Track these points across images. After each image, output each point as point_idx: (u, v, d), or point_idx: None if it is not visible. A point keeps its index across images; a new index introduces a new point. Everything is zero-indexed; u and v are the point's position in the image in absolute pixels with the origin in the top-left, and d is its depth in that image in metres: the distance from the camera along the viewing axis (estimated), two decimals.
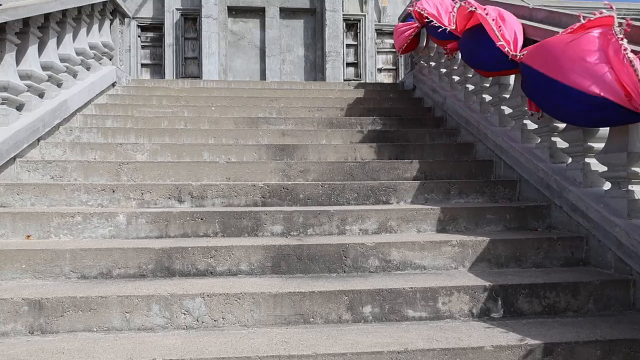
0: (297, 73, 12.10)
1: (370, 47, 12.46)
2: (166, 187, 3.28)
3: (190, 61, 12.05)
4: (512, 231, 3.09)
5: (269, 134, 4.49)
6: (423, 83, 5.77)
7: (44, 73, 4.27)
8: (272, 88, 6.12)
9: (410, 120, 5.03)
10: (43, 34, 4.37)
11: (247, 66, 12.03)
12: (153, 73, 12.45)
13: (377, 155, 4.18)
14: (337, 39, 11.66)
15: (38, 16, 4.14)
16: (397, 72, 12.96)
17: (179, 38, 11.89)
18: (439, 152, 4.25)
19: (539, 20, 3.46)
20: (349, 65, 12.48)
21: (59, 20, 4.67)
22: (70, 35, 4.93)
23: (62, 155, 3.97)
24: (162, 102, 5.42)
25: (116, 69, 5.96)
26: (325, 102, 5.56)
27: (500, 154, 3.80)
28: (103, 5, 5.73)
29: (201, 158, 4.02)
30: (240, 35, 12.02)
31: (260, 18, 11.92)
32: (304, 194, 3.35)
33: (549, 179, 3.13)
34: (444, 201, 3.46)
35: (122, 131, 4.41)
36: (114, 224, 2.87)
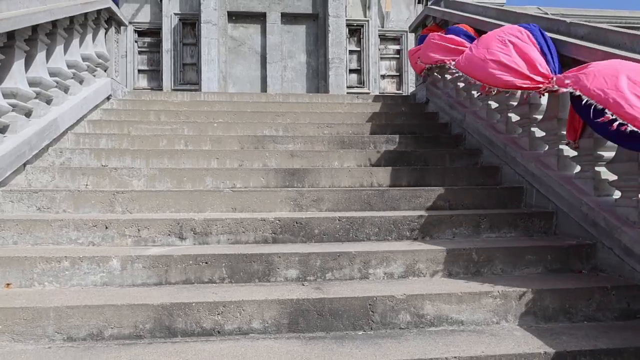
0: (299, 80, 11.77)
1: (373, 53, 12.15)
2: (165, 222, 2.93)
3: (189, 67, 11.71)
4: (555, 274, 2.75)
5: (277, 155, 4.15)
6: (438, 97, 5.44)
7: (32, 90, 3.92)
8: (277, 101, 5.78)
9: (426, 138, 4.70)
10: (31, 47, 4.02)
11: (247, 73, 11.69)
12: (150, 79, 12.10)
13: (395, 180, 3.84)
14: (341, 45, 11.34)
15: (25, 28, 3.79)
16: (400, 78, 12.66)
17: (177, 44, 11.55)
18: (462, 177, 3.91)
19: (580, 37, 3.14)
20: (352, 71, 12.17)
21: (49, 32, 4.32)
22: (61, 47, 4.59)
23: (50, 181, 3.62)
24: (161, 117, 5.08)
25: (111, 81, 5.61)
26: (334, 118, 5.23)
27: (532, 180, 3.47)
28: (97, 14, 5.39)
29: (204, 184, 3.68)
30: (241, 41, 11.69)
31: (261, 23, 11.59)
32: (320, 229, 3.01)
33: (596, 215, 2.80)
34: (473, 236, 3.12)
35: (117, 152, 4.06)
36: (107, 269, 2.52)
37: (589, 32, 3.10)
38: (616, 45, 2.85)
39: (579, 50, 3.03)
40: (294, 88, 11.72)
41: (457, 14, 4.87)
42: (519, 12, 3.98)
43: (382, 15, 12.32)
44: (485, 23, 4.34)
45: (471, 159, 4.31)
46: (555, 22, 3.46)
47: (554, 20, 3.50)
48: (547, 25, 3.56)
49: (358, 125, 5.01)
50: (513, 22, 4.03)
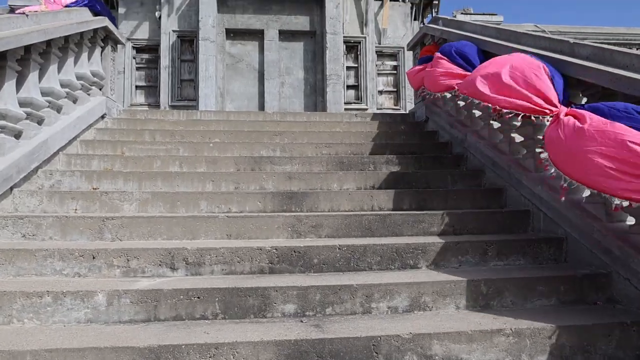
0: (297, 96, 11.72)
1: (370, 69, 12.14)
2: (156, 251, 2.78)
3: (187, 83, 11.65)
4: (569, 306, 2.60)
5: (274, 177, 4.02)
6: (437, 115, 5.35)
7: (22, 111, 3.79)
8: (274, 120, 5.67)
9: (427, 158, 4.58)
10: (23, 67, 3.92)
11: (245, 89, 11.64)
12: (147, 95, 12.03)
13: (397, 204, 3.71)
14: (338, 62, 11.32)
15: (17, 48, 3.68)
16: (398, 94, 12.64)
17: (175, 60, 11.51)
18: (466, 199, 3.78)
19: (585, 57, 3.05)
20: (350, 87, 12.14)
21: (43, 51, 4.22)
22: (55, 67, 4.48)
23: (38, 205, 3.48)
24: (155, 137, 4.96)
25: (106, 100, 5.51)
26: (333, 137, 5.11)
27: (540, 204, 3.34)
28: (94, 33, 5.30)
29: (198, 209, 3.54)
30: (239, 57, 11.66)
31: (259, 40, 11.58)
32: (319, 258, 2.86)
33: (609, 242, 2.66)
34: (480, 264, 2.98)
35: (109, 175, 3.93)
36: (92, 305, 2.36)
37: (594, 53, 3.00)
38: (624, 67, 2.75)
39: (585, 71, 2.94)
40: (292, 104, 11.66)
41: (456, 33, 4.80)
42: (519, 31, 3.90)
43: (379, 32, 12.35)
44: (485, 42, 4.26)
45: (474, 180, 4.19)
46: (558, 43, 3.37)
47: (556, 41, 3.41)
48: (549, 45, 3.48)
49: (357, 145, 4.89)
50: (513, 41, 3.96)
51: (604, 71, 2.76)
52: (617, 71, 2.70)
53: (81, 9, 5.17)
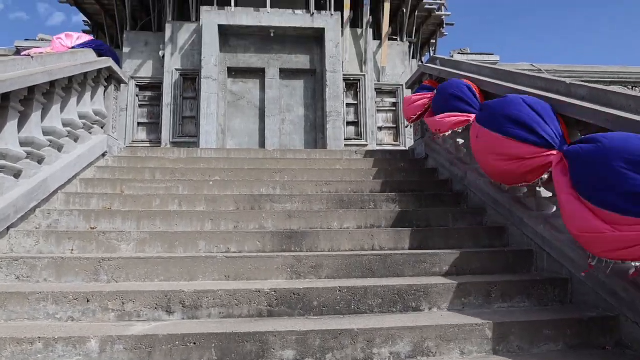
0: (297, 133, 11.85)
1: (370, 106, 12.33)
2: (153, 294, 2.72)
3: (188, 120, 11.81)
4: (577, 351, 2.52)
5: (274, 215, 3.99)
6: (437, 153, 5.37)
7: (23, 150, 3.81)
8: (274, 158, 5.70)
9: (427, 196, 4.57)
10: (26, 107, 3.96)
11: (246, 126, 11.78)
12: (149, 132, 12.17)
13: (398, 243, 3.66)
14: (338, 99, 11.51)
15: (21, 89, 3.74)
16: (397, 130, 12.78)
17: (178, 98, 11.71)
18: (467, 238, 3.74)
19: (581, 98, 3.08)
20: (350, 124, 12.29)
21: (46, 92, 4.29)
22: (58, 107, 4.54)
23: (34, 246, 3.43)
24: (156, 175, 4.96)
25: (108, 138, 5.55)
26: (333, 175, 5.12)
27: (542, 244, 3.30)
28: (97, 73, 5.41)
29: (196, 249, 3.49)
30: (240, 95, 11.87)
31: (260, 78, 11.82)
32: (319, 301, 2.79)
33: (614, 284, 2.61)
34: (484, 306, 2.91)
35: (107, 214, 3.90)
36: (84, 352, 2.29)
37: (590, 93, 3.04)
38: (620, 107, 2.78)
39: (582, 111, 2.97)
40: (292, 141, 11.78)
41: (453, 73, 4.89)
42: (514, 71, 3.97)
43: (378, 70, 12.62)
44: (481, 82, 4.33)
45: (475, 218, 4.16)
46: (554, 83, 3.42)
47: (552, 81, 3.47)
48: (546, 86, 3.53)
49: (357, 183, 4.89)
50: (509, 81, 4.02)
51: (600, 112, 2.78)
52: (613, 111, 2.73)
53: (86, 50, 5.29)
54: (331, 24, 11.49)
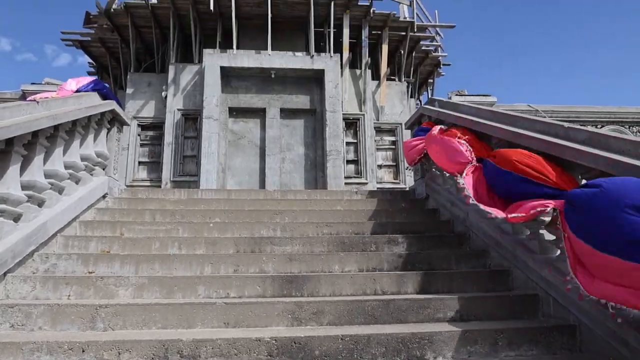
0: (297, 171, 11.90)
1: (370, 144, 12.43)
2: (150, 343, 2.64)
3: (189, 159, 11.87)
4: None
5: (274, 258, 3.94)
6: (437, 193, 5.38)
7: (24, 194, 3.81)
8: (275, 199, 5.70)
9: (429, 238, 4.53)
10: (29, 151, 3.99)
11: (246, 165, 11.84)
12: (150, 171, 12.22)
13: (400, 287, 3.60)
14: (338, 138, 11.62)
15: (25, 134, 3.78)
16: (397, 168, 12.84)
17: (179, 137, 11.82)
18: (471, 282, 3.68)
19: (580, 142, 3.11)
20: (349, 162, 12.35)
21: (50, 135, 4.33)
22: (61, 149, 4.58)
23: (30, 291, 3.37)
24: (156, 217, 4.94)
25: (109, 179, 5.57)
26: (334, 216, 5.10)
27: (548, 288, 3.24)
28: (101, 116, 5.49)
29: (195, 294, 3.43)
30: (241, 134, 12.00)
31: (261, 118, 11.98)
32: (320, 350, 2.71)
33: (625, 332, 2.54)
34: (491, 354, 2.82)
35: (106, 258, 3.85)
36: None
37: (589, 137, 3.07)
38: (619, 152, 2.80)
39: (581, 155, 2.99)
40: (292, 179, 11.81)
41: (452, 115, 4.96)
42: (514, 115, 4.03)
43: (377, 109, 12.82)
44: (480, 124, 4.39)
45: (479, 261, 4.11)
46: (552, 126, 3.47)
47: (551, 124, 3.51)
48: (544, 129, 3.58)
49: (358, 224, 4.86)
50: (508, 123, 4.08)
51: (600, 156, 2.80)
52: (614, 156, 2.75)
53: (91, 93, 5.39)
54: (330, 65, 11.77)
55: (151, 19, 12.09)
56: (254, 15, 12.28)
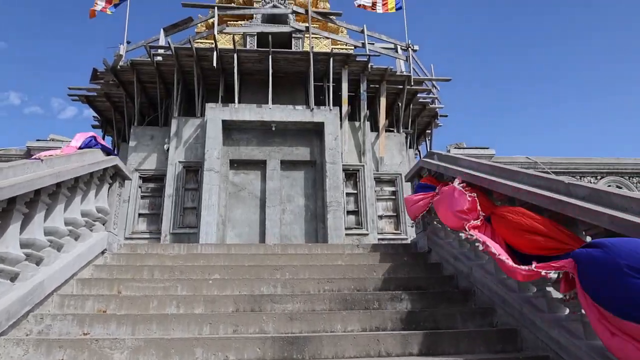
0: (298, 223, 11.84)
1: (370, 195, 12.45)
2: None
3: (189, 211, 11.84)
4: None
5: (274, 317, 3.83)
6: (440, 247, 5.32)
7: (23, 252, 3.77)
8: (275, 253, 5.63)
9: (433, 294, 4.43)
10: (30, 209, 3.99)
11: (247, 216, 11.80)
12: (150, 223, 12.16)
13: (405, 348, 3.48)
14: (338, 190, 11.66)
15: (27, 192, 3.79)
16: (398, 218, 12.79)
17: (180, 189, 11.86)
18: (478, 342, 3.56)
19: (581, 198, 3.12)
20: (350, 213, 12.32)
21: (52, 192, 4.35)
22: (62, 206, 4.58)
23: (22, 356, 3.25)
24: (154, 274, 4.86)
25: (108, 235, 5.53)
26: (335, 271, 5.02)
27: (559, 349, 3.13)
28: (103, 171, 5.54)
29: (193, 357, 3.30)
30: (241, 186, 12.05)
31: (262, 170, 12.08)
32: None
33: None
34: None
35: (102, 319, 3.75)
36: None
37: (590, 194, 3.08)
38: (622, 209, 2.79)
39: (583, 212, 2.98)
40: (293, 230, 11.73)
41: (452, 169, 5.00)
42: (514, 170, 4.06)
43: (377, 160, 12.96)
44: (480, 179, 4.41)
45: (485, 319, 3.99)
46: (553, 182, 3.49)
47: (552, 180, 3.53)
48: (545, 184, 3.60)
49: (360, 280, 4.78)
50: (508, 178, 4.10)
51: (603, 213, 2.80)
52: (617, 213, 2.74)
53: (94, 150, 5.48)
54: (330, 118, 12.02)
55: (156, 75, 12.48)
56: (255, 70, 12.71)
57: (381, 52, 13.84)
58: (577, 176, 7.60)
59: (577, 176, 7.60)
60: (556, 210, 3.23)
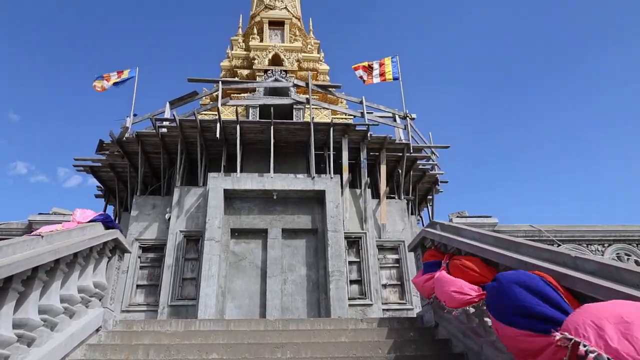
0: (299, 294, 11.52)
1: (373, 263, 12.23)
2: None
3: (188, 282, 11.58)
4: None
5: None
6: (447, 321, 5.13)
7: (15, 333, 3.64)
8: (276, 329, 5.42)
9: None
10: (26, 287, 3.91)
11: (247, 287, 11.52)
12: (147, 294, 11.84)
13: None
14: (340, 258, 11.47)
15: (25, 270, 3.73)
16: (402, 287, 12.46)
17: (180, 259, 11.68)
18: None
19: (590, 272, 3.05)
20: (353, 282, 12.03)
21: (50, 268, 4.28)
22: (59, 283, 4.49)
23: None
24: (150, 353, 4.65)
25: (104, 311, 5.37)
26: (339, 349, 4.79)
27: None
28: (103, 245, 5.49)
29: None
30: (242, 255, 11.88)
31: (263, 239, 11.98)
32: None
33: None
34: None
35: None
36: None
37: (599, 269, 3.02)
38: (633, 285, 2.72)
39: (593, 288, 2.90)
40: (294, 302, 11.39)
41: (455, 240, 4.95)
42: (518, 242, 4.02)
43: (379, 226, 12.87)
44: (483, 250, 4.35)
45: None
46: (560, 255, 3.43)
47: (557, 253, 3.48)
48: (551, 257, 3.54)
49: (365, 359, 4.55)
50: (512, 250, 4.05)
51: (614, 290, 2.72)
52: (628, 290, 2.66)
53: (95, 224, 5.46)
54: (331, 186, 12.12)
55: (160, 146, 12.78)
56: (257, 140, 13.03)
57: (380, 122, 14.24)
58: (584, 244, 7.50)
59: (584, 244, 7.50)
60: (566, 285, 3.15)
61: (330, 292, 10.94)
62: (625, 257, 7.32)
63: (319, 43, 18.78)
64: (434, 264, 5.07)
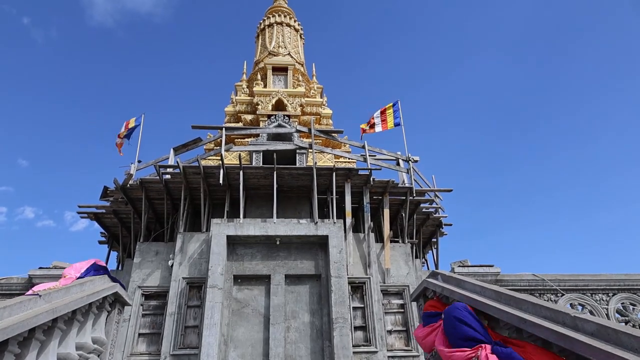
0: (303, 341, 11.27)
1: (377, 309, 12.01)
2: None
3: (191, 330, 11.39)
4: None
5: None
6: None
7: None
8: None
9: None
10: (22, 348, 3.88)
11: (250, 335, 11.30)
12: (149, 343, 11.63)
13: None
14: (344, 305, 11.29)
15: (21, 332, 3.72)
16: (407, 333, 12.18)
17: (182, 307, 11.54)
18: None
19: (589, 333, 3.00)
20: (357, 328, 11.78)
21: (48, 328, 4.26)
22: (56, 342, 4.45)
23: None
24: None
25: None
26: None
27: None
28: (103, 299, 5.48)
29: None
30: (245, 302, 11.73)
31: (266, 285, 11.86)
32: None
33: None
34: None
35: None
36: None
37: (599, 330, 2.97)
38: (632, 349, 2.68)
39: (593, 352, 2.85)
40: (298, 350, 11.13)
41: (457, 292, 4.90)
42: (519, 297, 3.97)
43: (383, 271, 12.72)
44: (484, 305, 4.29)
45: None
46: (559, 314, 3.39)
47: (557, 312, 3.43)
48: (550, 315, 3.49)
49: None
50: (513, 306, 4.00)
51: (614, 355, 2.67)
52: (628, 355, 2.61)
53: (94, 278, 5.47)
54: (334, 231, 12.09)
55: (164, 192, 12.90)
56: (260, 185, 13.13)
57: (382, 166, 14.36)
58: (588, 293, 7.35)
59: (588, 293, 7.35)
60: (565, 346, 3.10)
61: (334, 340, 10.70)
62: (630, 307, 7.14)
63: (322, 87, 19.24)
64: (433, 315, 4.99)
